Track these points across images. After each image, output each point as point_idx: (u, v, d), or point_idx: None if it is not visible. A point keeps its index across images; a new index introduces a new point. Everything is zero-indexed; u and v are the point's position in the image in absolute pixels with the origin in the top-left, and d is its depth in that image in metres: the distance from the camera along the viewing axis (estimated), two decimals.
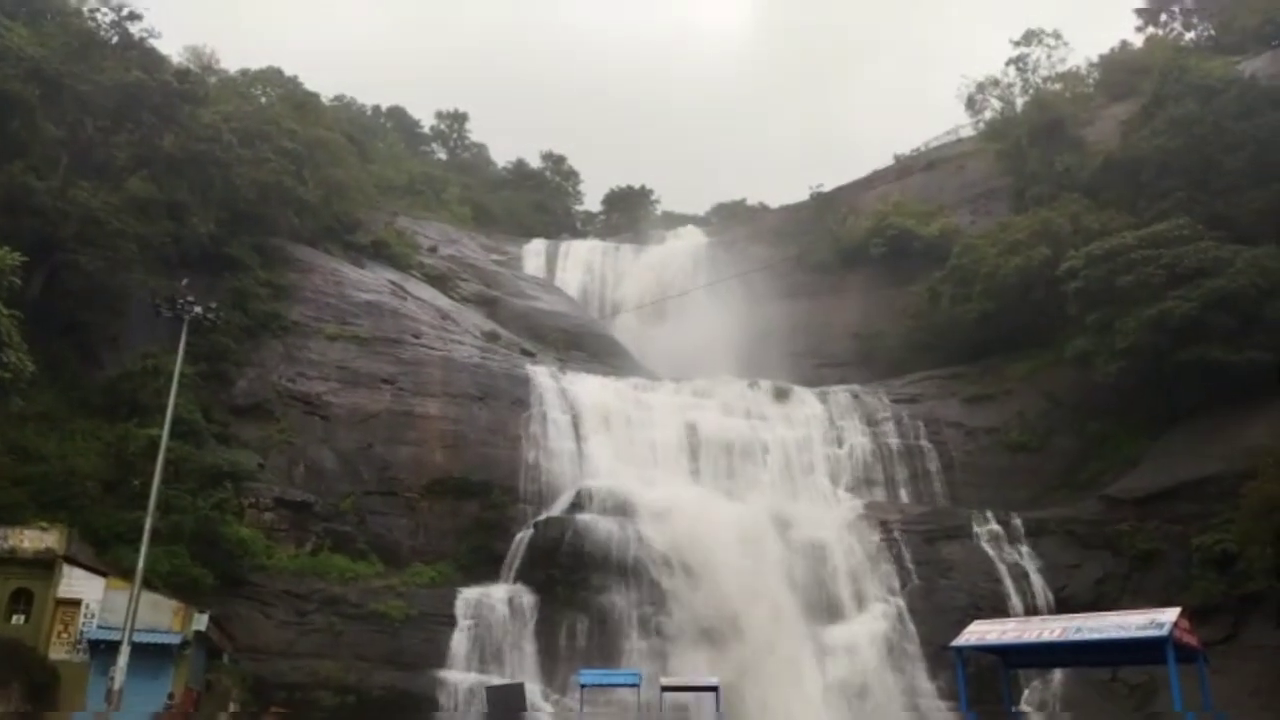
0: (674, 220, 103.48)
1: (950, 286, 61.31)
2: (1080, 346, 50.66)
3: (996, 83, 73.16)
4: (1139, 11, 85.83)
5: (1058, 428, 53.40)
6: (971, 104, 74.84)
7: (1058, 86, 71.68)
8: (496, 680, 38.64)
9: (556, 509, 47.54)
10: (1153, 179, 54.83)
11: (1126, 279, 48.63)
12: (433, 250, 76.02)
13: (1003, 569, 44.64)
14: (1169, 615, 12.53)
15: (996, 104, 73.71)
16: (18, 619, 32.55)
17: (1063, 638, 12.47)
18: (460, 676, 39.69)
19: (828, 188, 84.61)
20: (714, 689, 34.19)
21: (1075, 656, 16.94)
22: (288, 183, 60.05)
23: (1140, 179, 55.83)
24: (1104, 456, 50.64)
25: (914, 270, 66.58)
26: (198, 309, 34.79)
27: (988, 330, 58.32)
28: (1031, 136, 66.80)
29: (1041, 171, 65.20)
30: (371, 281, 63.19)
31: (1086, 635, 12.24)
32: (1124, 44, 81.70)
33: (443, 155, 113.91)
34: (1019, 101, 72.04)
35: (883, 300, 69.01)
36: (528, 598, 43.50)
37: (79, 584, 33.16)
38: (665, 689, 34.84)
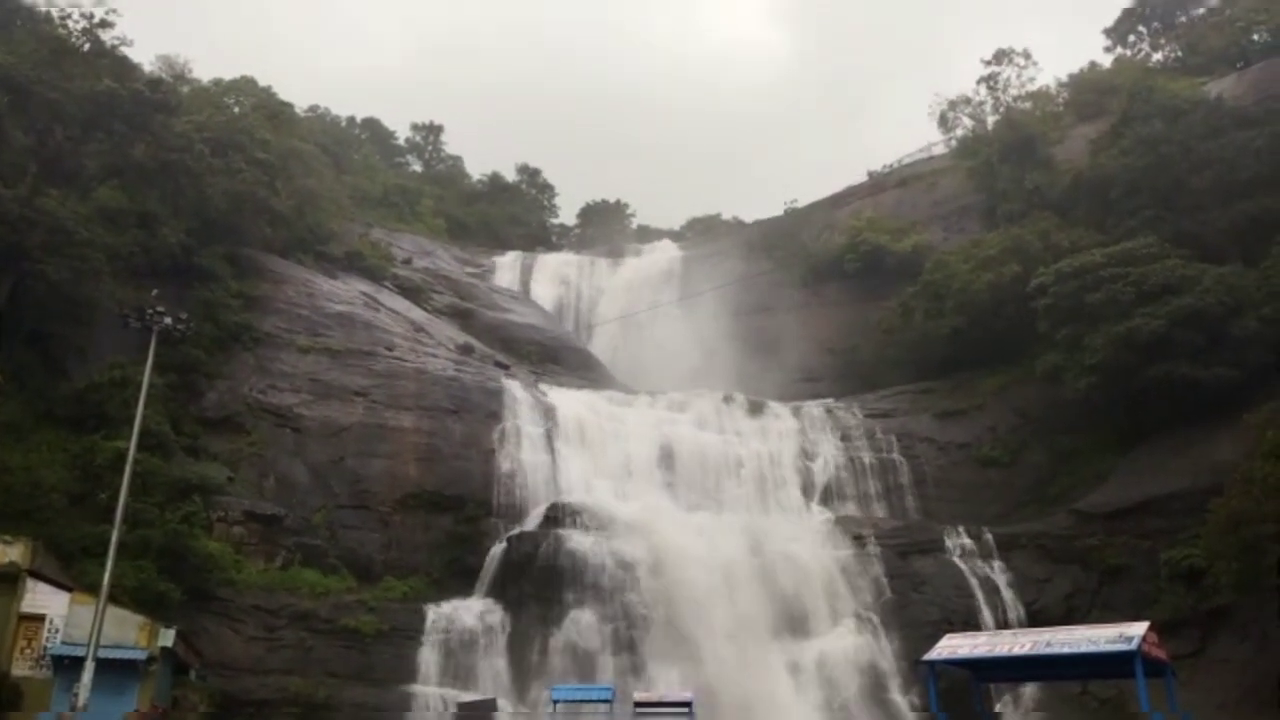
0: (649, 234, 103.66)
1: (923, 302, 61.84)
2: (1050, 362, 51.23)
3: (968, 101, 74.00)
4: (1107, 32, 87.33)
5: (1028, 443, 53.91)
6: (944, 121, 75.68)
7: (1028, 105, 72.58)
8: (468, 696, 38.33)
9: (530, 523, 47.31)
10: (1121, 197, 55.67)
11: (1095, 296, 49.27)
12: (407, 262, 75.68)
13: (974, 583, 44.92)
14: (1138, 629, 12.63)
15: (968, 122, 74.54)
16: None
17: (1033, 651, 12.54)
18: (432, 692, 39.37)
19: (801, 203, 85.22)
20: (687, 705, 34.08)
21: (1045, 670, 17.04)
22: (261, 193, 59.62)
23: (1109, 197, 56.67)
24: (1074, 471, 51.16)
25: (887, 286, 67.07)
26: (167, 320, 34.43)
27: (960, 345, 58.87)
28: (1002, 154, 67.64)
29: (1012, 189, 66.00)
30: (344, 293, 62.81)
31: (1056, 649, 12.32)
32: (1093, 64, 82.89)
33: (418, 167, 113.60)
34: (990, 120, 72.89)
35: (856, 315, 69.45)
36: (500, 613, 43.23)
37: (43, 599, 32.56)
38: (638, 705, 34.69)
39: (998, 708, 39.14)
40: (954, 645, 14.11)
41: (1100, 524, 45.68)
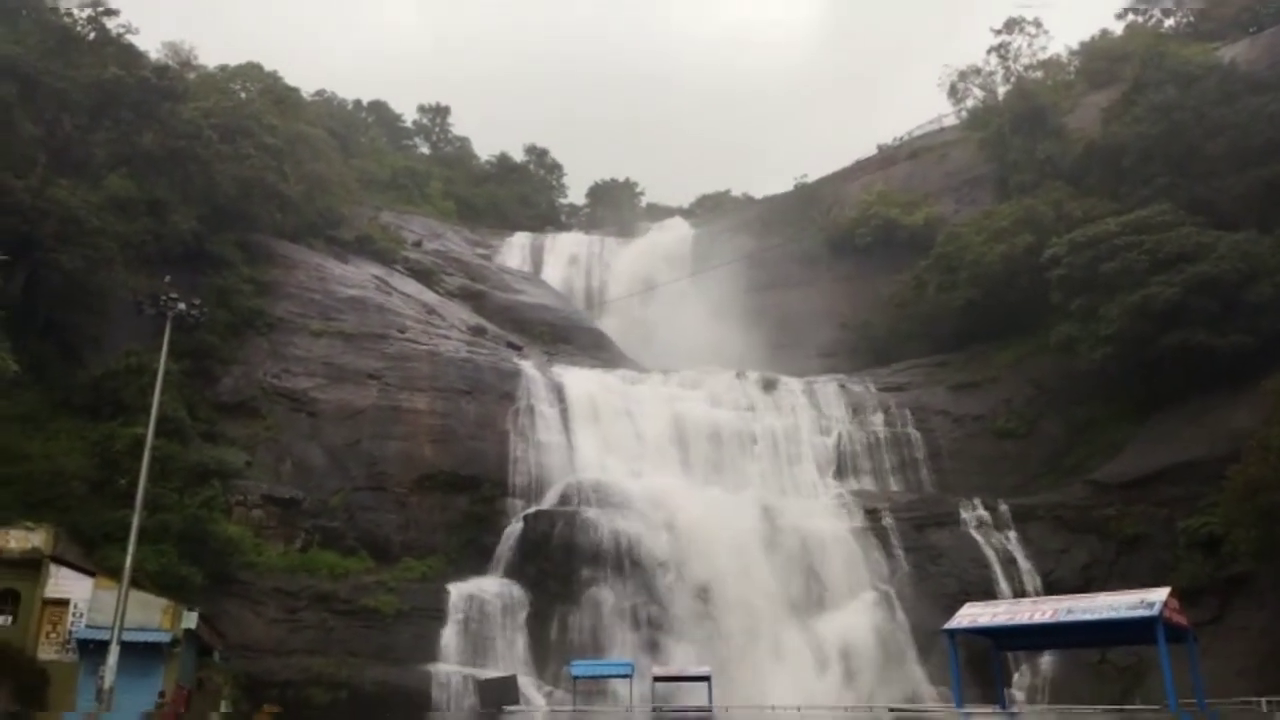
0: (658, 212, 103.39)
1: (936, 275, 61.58)
2: (1065, 333, 50.97)
3: (978, 71, 73.50)
4: None
5: (1044, 414, 53.74)
6: (954, 92, 75.19)
7: (1039, 74, 71.96)
8: (489, 674, 38.62)
9: (546, 502, 47.54)
10: (1134, 165, 55.17)
11: (1109, 265, 48.94)
12: (417, 245, 75.74)
13: (991, 555, 44.93)
14: (1159, 595, 12.61)
15: (979, 92, 74.08)
16: (5, 620, 32.30)
17: (1054, 619, 12.53)
18: (452, 670, 39.66)
19: (811, 179, 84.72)
20: (706, 678, 34.30)
21: (1066, 638, 17.04)
22: (269, 178, 59.68)
23: (1122, 165, 56.17)
24: (1090, 442, 51.00)
25: (899, 259, 66.81)
26: (181, 306, 34.55)
27: (973, 318, 58.64)
28: (1014, 124, 67.10)
29: (1024, 159, 65.50)
30: (356, 277, 62.93)
31: (1077, 616, 12.31)
32: (1104, 32, 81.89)
33: (425, 149, 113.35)
34: (1001, 90, 72.32)
35: (869, 289, 69.23)
36: (518, 591, 43.50)
37: (67, 584, 32.94)
38: (657, 679, 34.94)
39: (1015, 677, 39.27)
40: (974, 614, 14.12)
41: (1117, 494, 45.57)
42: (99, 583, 32.99)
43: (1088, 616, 12.06)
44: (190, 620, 33.47)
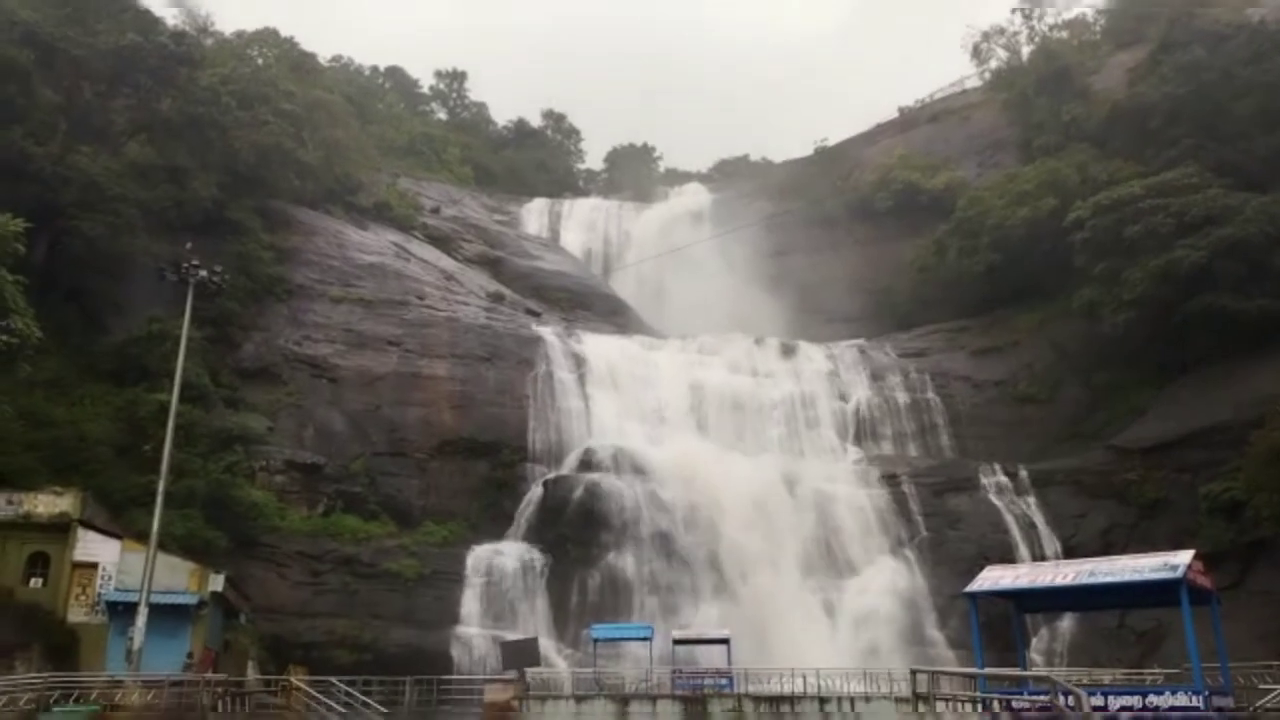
0: (677, 177, 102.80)
1: (957, 239, 61.02)
2: (1088, 297, 50.50)
3: (1002, 31, 72.22)
4: None
5: (1065, 379, 53.41)
6: (977, 53, 73.86)
7: (1064, 34, 70.65)
8: (510, 636, 39.00)
9: (565, 467, 47.80)
10: (1161, 127, 54.28)
11: (1134, 229, 48.32)
12: (435, 211, 75.68)
13: (1010, 520, 44.89)
14: (1183, 557, 12.55)
15: (1002, 53, 72.76)
16: (36, 582, 32.86)
17: (1076, 581, 12.50)
18: (474, 632, 40.15)
19: (831, 142, 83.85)
20: (725, 641, 34.50)
21: (1088, 600, 17.02)
22: (287, 144, 59.59)
23: (1148, 127, 55.27)
24: (1112, 407, 50.69)
25: (920, 224, 66.22)
26: (203, 272, 34.65)
27: (995, 282, 58.15)
28: (1038, 85, 66.03)
29: (1048, 121, 64.54)
30: (374, 243, 63.01)
31: (1100, 579, 12.27)
32: None
33: (443, 115, 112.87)
34: (1025, 50, 71.09)
35: (889, 254, 68.72)
36: (538, 555, 43.87)
37: (95, 547, 33.40)
38: (677, 642, 35.18)
39: (1034, 641, 39.32)
40: (996, 576, 14.12)
41: (1139, 459, 45.33)
42: (126, 546, 33.45)
43: (1111, 579, 12.01)
44: (217, 583, 33.93)
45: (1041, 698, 11.29)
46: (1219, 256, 45.72)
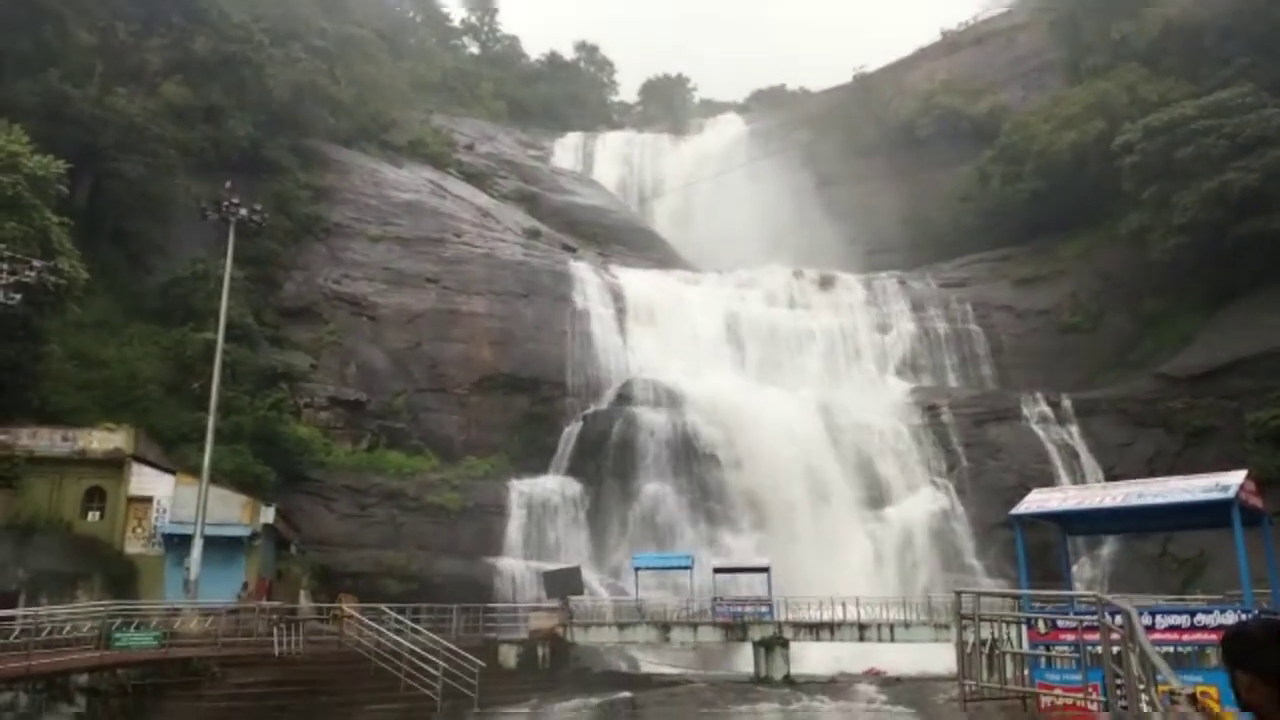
0: (712, 109, 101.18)
1: (1000, 166, 59.70)
2: (1136, 223, 49.36)
3: None
4: None
5: (1110, 307, 52.49)
6: None
7: None
8: (552, 566, 39.72)
9: (604, 402, 48.10)
10: (1215, 45, 52.36)
11: (1185, 151, 46.94)
12: (469, 147, 75.31)
13: (1052, 449, 44.59)
14: (1235, 478, 12.41)
15: None
16: (93, 516, 33.90)
17: (1125, 503, 12.40)
18: (517, 563, 40.92)
19: (871, 69, 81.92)
20: (765, 570, 34.89)
21: (1136, 522, 16.89)
22: (321, 81, 59.47)
23: (1201, 45, 53.33)
24: (1158, 335, 49.84)
25: (962, 151, 64.78)
26: (243, 211, 34.87)
27: (1039, 210, 56.93)
28: (1087, 3, 63.67)
29: (1097, 41, 62.36)
30: (410, 181, 62.98)
31: (1149, 500, 12.16)
32: None
33: (474, 49, 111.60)
34: None
35: (930, 184, 67.44)
36: (579, 488, 44.42)
37: (149, 482, 34.34)
38: (717, 571, 35.61)
39: (1074, 569, 39.26)
40: (1042, 499, 14.03)
41: (1185, 386, 44.66)
42: (179, 480, 34.34)
43: (1160, 500, 11.90)
44: (268, 515, 34.81)
45: (1089, 617, 11.29)
46: (1272, 179, 44.35)
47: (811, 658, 33.12)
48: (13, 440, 32.80)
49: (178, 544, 32.76)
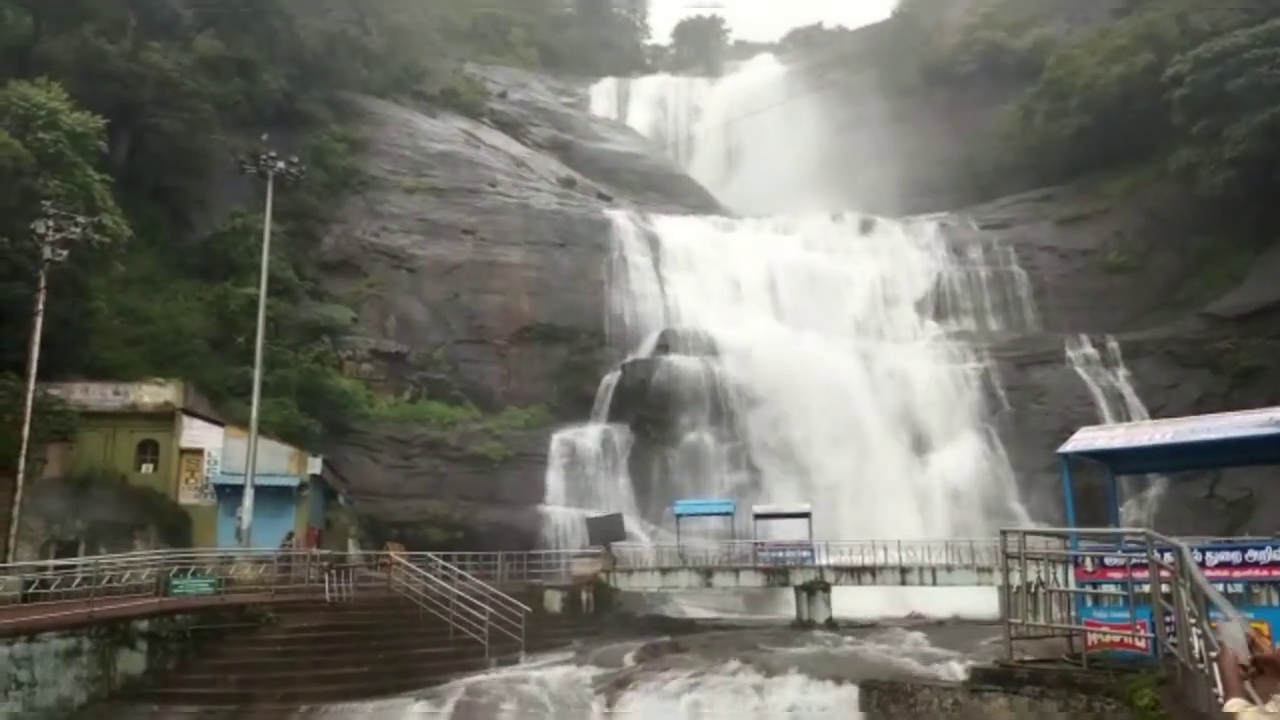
0: (747, 50, 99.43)
1: (1044, 102, 58.21)
2: (1185, 158, 48.03)
3: None
4: None
5: (1157, 245, 51.33)
6: None
7: None
8: (594, 513, 40.13)
9: (643, 351, 48.13)
10: None
11: (1238, 82, 45.40)
12: (502, 96, 74.80)
13: (1097, 391, 43.99)
14: None
15: None
16: (147, 468, 34.78)
17: (1176, 439, 12.20)
18: (559, 511, 41.40)
19: (911, 3, 79.81)
20: (806, 515, 34.96)
21: (1187, 460, 16.62)
22: (352, 32, 59.29)
23: None
24: (1206, 273, 48.71)
25: (1004, 88, 63.28)
26: (280, 165, 34.99)
27: (1084, 146, 55.54)
28: None
29: None
30: (444, 131, 62.79)
31: (1201, 436, 11.94)
32: None
33: None
34: None
35: (971, 122, 66.03)
36: (619, 436, 44.65)
37: (199, 434, 35.11)
38: (758, 516, 35.76)
39: (1119, 511, 38.93)
40: (1090, 437, 13.83)
41: (1233, 326, 43.72)
42: (229, 432, 35.07)
43: (1212, 436, 11.68)
44: (315, 466, 35.50)
45: (1138, 554, 11.18)
46: None
47: (853, 603, 33.27)
48: (66, 395, 33.62)
49: (229, 494, 33.55)
